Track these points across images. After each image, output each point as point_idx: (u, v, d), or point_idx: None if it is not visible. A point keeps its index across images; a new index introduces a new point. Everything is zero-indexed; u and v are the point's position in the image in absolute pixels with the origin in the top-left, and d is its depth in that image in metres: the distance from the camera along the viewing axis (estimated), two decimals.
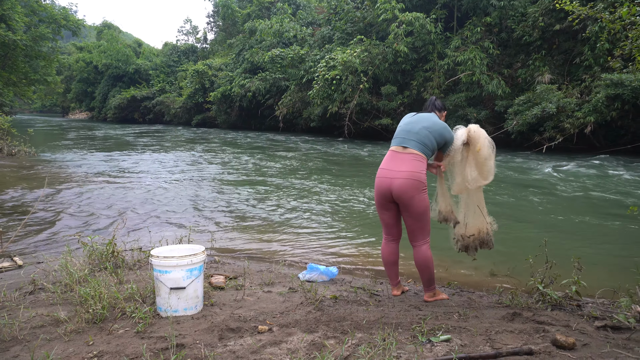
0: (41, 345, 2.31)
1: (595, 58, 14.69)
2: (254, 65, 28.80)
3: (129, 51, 48.26)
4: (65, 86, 53.33)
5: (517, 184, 9.16)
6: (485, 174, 3.15)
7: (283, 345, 2.30)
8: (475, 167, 3.16)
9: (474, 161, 3.16)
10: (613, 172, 10.59)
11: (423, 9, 19.22)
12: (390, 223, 3.18)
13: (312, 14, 31.29)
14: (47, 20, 23.63)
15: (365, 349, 2.20)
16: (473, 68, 16.87)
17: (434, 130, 3.06)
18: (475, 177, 3.15)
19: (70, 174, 9.91)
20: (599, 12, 5.04)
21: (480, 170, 3.15)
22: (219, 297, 3.08)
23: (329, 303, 3.01)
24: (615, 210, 6.79)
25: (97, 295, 2.74)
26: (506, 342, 2.31)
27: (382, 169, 3.07)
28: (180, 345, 2.28)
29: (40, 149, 14.70)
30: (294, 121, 25.77)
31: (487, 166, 3.14)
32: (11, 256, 4.22)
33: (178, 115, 38.39)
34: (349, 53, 19.27)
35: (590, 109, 13.73)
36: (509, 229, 5.85)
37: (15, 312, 2.73)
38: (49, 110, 79.00)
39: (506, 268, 4.02)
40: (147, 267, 3.75)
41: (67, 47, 55.76)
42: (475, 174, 3.15)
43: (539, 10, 15.95)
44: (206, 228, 5.64)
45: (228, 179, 9.71)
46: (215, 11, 45.21)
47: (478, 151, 3.13)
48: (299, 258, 4.53)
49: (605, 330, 2.54)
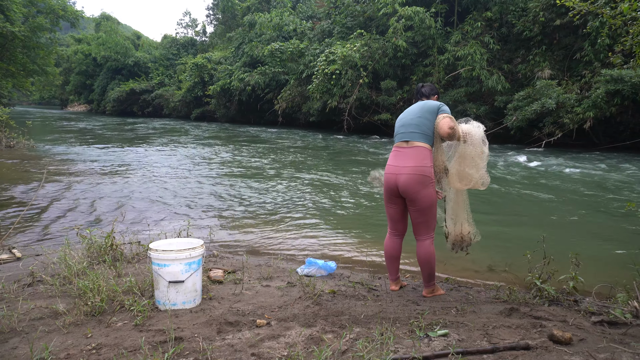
0: (40, 337, 2.31)
1: (595, 53, 14.66)
2: (253, 59, 28.70)
3: (128, 43, 47.99)
4: (64, 78, 53.03)
5: (515, 179, 9.17)
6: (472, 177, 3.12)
7: (281, 339, 2.31)
8: (466, 165, 3.13)
9: (466, 159, 3.13)
10: (611, 169, 10.61)
11: (423, 3, 19.14)
12: (396, 218, 3.19)
13: (312, 7, 31.12)
14: (46, 11, 23.46)
15: (363, 343, 2.21)
16: (473, 63, 16.83)
17: (425, 110, 3.07)
18: (466, 174, 3.13)
19: (68, 166, 9.89)
20: (599, 7, 5.02)
21: (469, 169, 3.12)
22: (218, 291, 3.09)
23: (327, 297, 3.02)
24: (613, 207, 6.81)
25: (96, 288, 2.75)
26: (503, 337, 2.33)
27: (389, 166, 3.10)
28: (179, 338, 2.29)
29: (38, 141, 14.66)
30: (293, 115, 25.71)
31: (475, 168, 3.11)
32: (10, 248, 4.22)
33: (177, 109, 38.30)
34: (349, 47, 19.20)
35: (589, 105, 13.72)
36: (507, 224, 5.87)
37: (14, 304, 2.73)
38: (47, 103, 78.70)
39: (504, 264, 4.03)
40: (145, 260, 3.75)
41: (65, 39, 55.42)
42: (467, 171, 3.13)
43: (540, 5, 15.89)
44: (205, 222, 5.64)
45: (227, 173, 9.70)
46: (215, 4, 44.99)
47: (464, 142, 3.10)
48: (297, 252, 4.54)
49: (602, 325, 2.56)
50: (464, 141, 3.09)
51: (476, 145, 3.07)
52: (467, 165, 3.11)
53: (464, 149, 3.11)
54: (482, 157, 3.09)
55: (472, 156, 3.09)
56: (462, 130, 3.09)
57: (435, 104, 3.09)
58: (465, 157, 3.11)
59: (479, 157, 3.09)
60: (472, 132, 3.09)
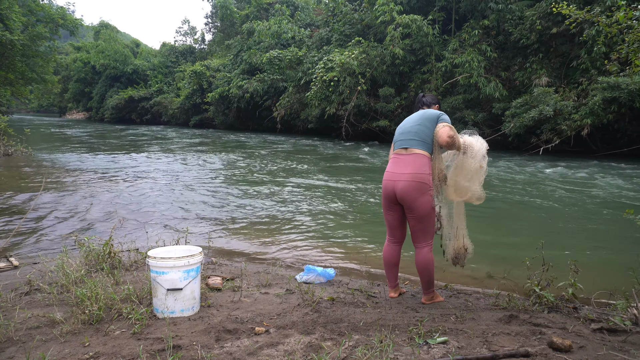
0: (37, 346, 2.30)
1: (592, 61, 14.76)
2: (252, 66, 28.81)
3: (127, 51, 48.18)
4: (63, 86, 53.17)
5: (513, 186, 9.19)
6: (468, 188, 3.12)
7: (280, 346, 2.30)
8: (462, 177, 3.14)
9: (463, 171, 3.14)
10: (609, 175, 10.64)
11: (421, 11, 19.28)
12: (394, 225, 3.19)
13: (310, 15, 31.32)
14: (45, 19, 23.57)
15: (362, 350, 2.20)
16: (471, 70, 16.92)
17: (425, 119, 3.08)
18: (464, 186, 3.13)
19: (66, 174, 9.87)
20: (595, 15, 5.07)
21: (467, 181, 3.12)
22: (216, 299, 3.08)
23: (326, 305, 3.01)
24: (611, 213, 6.82)
25: (94, 296, 2.73)
26: (503, 344, 2.32)
27: (387, 172, 3.10)
28: (177, 346, 2.27)
29: (37, 148, 14.65)
30: (292, 122, 25.76)
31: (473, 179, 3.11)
32: (7, 257, 4.20)
33: (176, 116, 38.36)
34: (347, 55, 19.31)
35: (587, 112, 13.79)
36: (506, 231, 5.87)
37: (11, 313, 2.72)
38: (46, 111, 78.76)
39: (503, 270, 4.02)
40: (144, 268, 3.74)
41: (64, 47, 55.62)
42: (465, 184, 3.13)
43: (537, 14, 16.02)
44: (203, 229, 5.63)
45: (225, 180, 9.69)
46: (214, 12, 45.22)
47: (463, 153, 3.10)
48: (296, 259, 4.53)
49: (602, 332, 2.55)
50: (464, 152, 3.10)
51: (476, 159, 3.08)
52: (463, 178, 3.11)
53: (462, 161, 3.12)
54: (480, 171, 3.10)
55: (469, 169, 3.09)
56: (463, 141, 3.10)
57: (436, 112, 3.10)
58: (462, 168, 3.11)
59: (476, 171, 3.09)
60: (474, 145, 3.10)
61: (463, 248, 3.27)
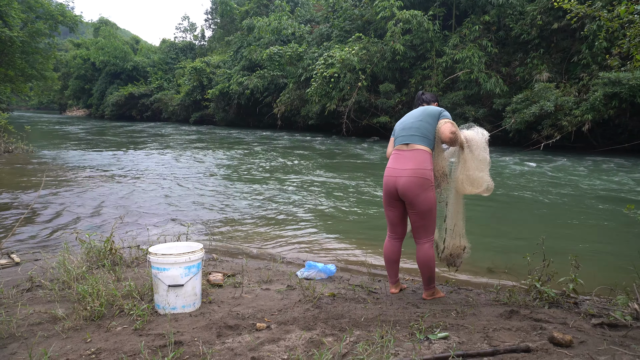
0: (39, 342, 2.30)
1: (593, 56, 14.72)
2: (252, 62, 28.76)
3: (127, 48, 48.11)
4: (63, 83, 53.09)
5: (513, 182, 9.18)
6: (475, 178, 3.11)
7: (281, 342, 2.31)
8: (474, 169, 3.13)
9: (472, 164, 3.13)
10: (610, 171, 10.63)
11: (421, 6, 19.22)
12: (395, 221, 3.18)
13: (311, 11, 31.24)
14: (44, 16, 23.49)
15: (363, 346, 2.21)
16: (471, 66, 16.88)
17: (426, 115, 3.08)
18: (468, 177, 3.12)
19: (67, 171, 9.88)
20: (597, 10, 5.04)
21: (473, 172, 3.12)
22: (217, 295, 3.08)
23: (327, 301, 3.02)
24: (612, 209, 6.82)
25: (95, 292, 2.74)
26: (503, 339, 2.32)
27: (389, 168, 3.09)
28: (179, 342, 2.28)
29: (37, 145, 14.65)
30: (292, 119, 25.75)
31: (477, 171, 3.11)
32: (8, 253, 4.21)
33: (176, 113, 38.33)
34: (347, 51, 19.26)
35: (587, 107, 13.77)
36: (506, 226, 5.87)
37: (12, 310, 2.72)
38: (46, 108, 78.69)
39: (504, 266, 4.03)
40: (145, 264, 3.74)
41: (64, 44, 55.50)
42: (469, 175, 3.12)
43: (537, 9, 15.96)
44: (204, 226, 5.63)
45: (226, 176, 9.70)
46: (214, 8, 45.14)
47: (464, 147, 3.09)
48: (297, 255, 4.53)
49: (602, 327, 2.55)
50: (468, 147, 3.10)
51: (480, 149, 3.08)
52: (475, 169, 3.11)
53: (466, 156, 3.12)
54: (484, 163, 3.10)
55: (477, 159, 3.09)
56: (464, 136, 3.09)
57: (437, 109, 3.10)
58: (470, 161, 3.11)
59: (484, 160, 3.09)
60: (475, 138, 3.11)
61: (460, 247, 3.26)
